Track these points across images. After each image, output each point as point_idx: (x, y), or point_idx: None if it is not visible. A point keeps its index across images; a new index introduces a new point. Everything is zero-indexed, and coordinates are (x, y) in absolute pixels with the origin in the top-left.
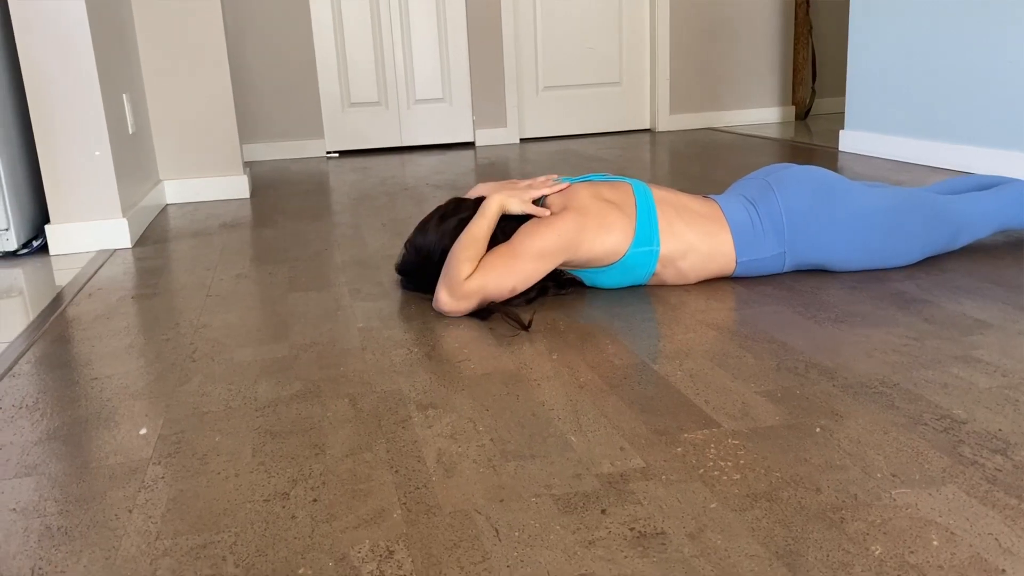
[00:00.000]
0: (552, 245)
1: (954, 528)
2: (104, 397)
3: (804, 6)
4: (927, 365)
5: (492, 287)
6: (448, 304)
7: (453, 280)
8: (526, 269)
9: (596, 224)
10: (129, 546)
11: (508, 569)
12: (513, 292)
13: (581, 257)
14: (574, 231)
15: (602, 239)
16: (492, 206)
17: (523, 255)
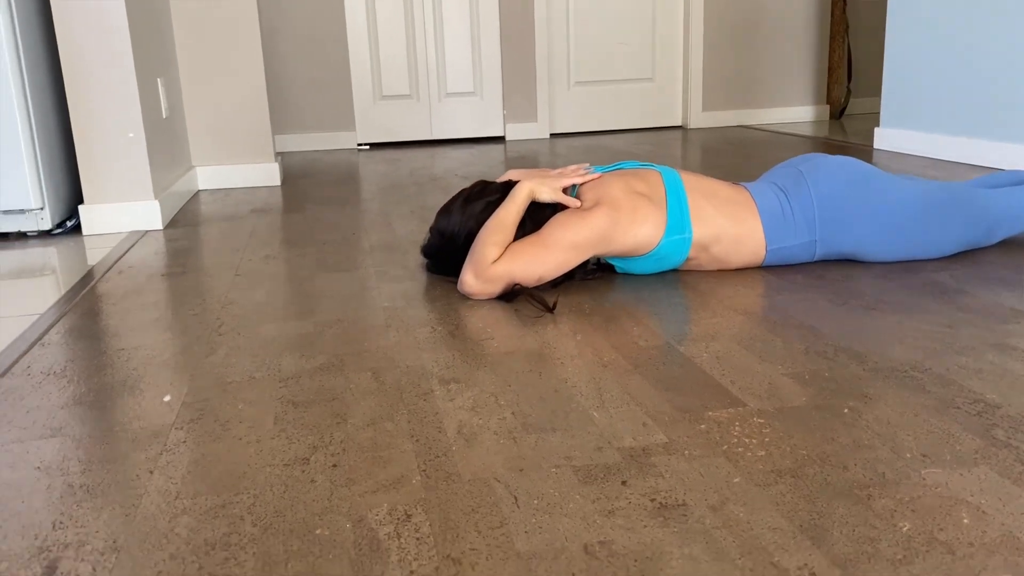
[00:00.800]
0: (583, 239)
1: (986, 507)
2: (130, 366)
3: (841, 4)
4: (961, 352)
5: (519, 274)
6: (473, 287)
7: (479, 263)
8: (556, 259)
9: (628, 219)
10: (149, 504)
11: (526, 535)
12: (540, 281)
13: (613, 250)
14: (606, 226)
15: (634, 232)
16: (522, 192)
17: (553, 246)
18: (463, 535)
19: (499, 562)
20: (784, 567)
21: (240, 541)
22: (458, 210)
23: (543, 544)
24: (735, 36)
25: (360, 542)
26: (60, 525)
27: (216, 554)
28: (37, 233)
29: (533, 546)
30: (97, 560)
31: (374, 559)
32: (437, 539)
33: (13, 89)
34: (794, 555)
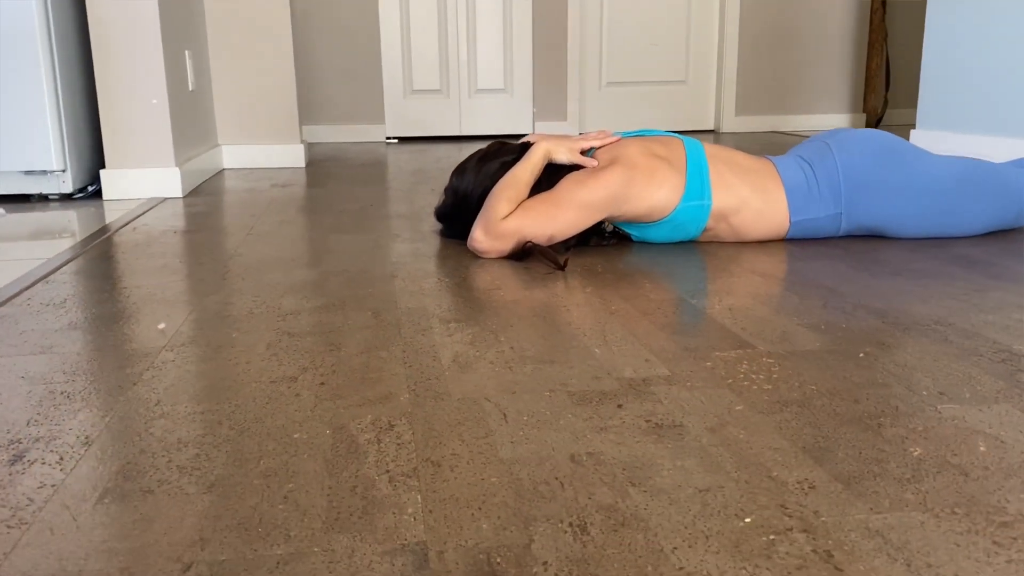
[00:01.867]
0: (597, 197)
1: (1004, 437)
2: (130, 301)
3: (880, 12)
4: (988, 311)
5: (529, 230)
6: (482, 242)
7: (490, 218)
8: (567, 218)
9: (645, 179)
10: (126, 408)
11: (511, 444)
12: (551, 240)
13: (627, 212)
14: (621, 185)
15: (650, 194)
16: (538, 152)
17: (566, 203)
18: (446, 443)
19: (480, 466)
20: (782, 480)
21: (214, 441)
22: (472, 169)
23: (528, 453)
24: (771, 41)
25: (338, 445)
26: (34, 422)
27: (187, 451)
28: (59, 196)
29: (518, 454)
30: (65, 452)
31: (350, 459)
32: (419, 445)
33: (40, 52)
34: (794, 471)
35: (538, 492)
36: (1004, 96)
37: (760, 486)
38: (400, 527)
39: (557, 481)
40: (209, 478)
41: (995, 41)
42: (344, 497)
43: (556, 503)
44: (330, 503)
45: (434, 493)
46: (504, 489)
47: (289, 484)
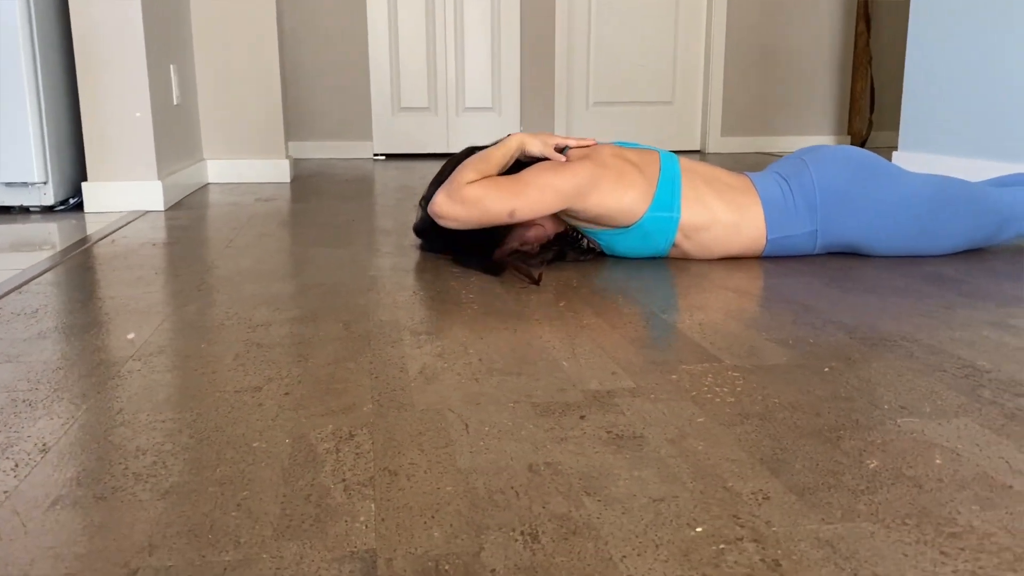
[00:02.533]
0: (562, 183)
1: (961, 451)
2: (103, 311)
3: (864, 36)
4: (956, 328)
5: (491, 202)
6: (443, 206)
7: (454, 182)
8: (530, 195)
9: (613, 179)
10: (87, 417)
11: (470, 454)
12: (512, 217)
13: (592, 208)
14: (588, 178)
15: (617, 195)
16: (514, 140)
17: (531, 183)
18: (405, 452)
19: (437, 475)
20: (737, 491)
21: (173, 449)
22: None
23: (486, 462)
24: (757, 63)
25: (296, 454)
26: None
27: (145, 458)
28: (40, 209)
29: (476, 463)
30: (21, 458)
31: (306, 468)
32: (377, 454)
33: (24, 64)
34: (749, 482)
35: (493, 501)
36: (984, 119)
37: (715, 496)
38: (351, 535)
39: (512, 490)
40: (164, 485)
41: (975, 65)
42: (298, 505)
43: (510, 512)
44: (283, 511)
45: (388, 502)
46: (459, 498)
47: (244, 492)
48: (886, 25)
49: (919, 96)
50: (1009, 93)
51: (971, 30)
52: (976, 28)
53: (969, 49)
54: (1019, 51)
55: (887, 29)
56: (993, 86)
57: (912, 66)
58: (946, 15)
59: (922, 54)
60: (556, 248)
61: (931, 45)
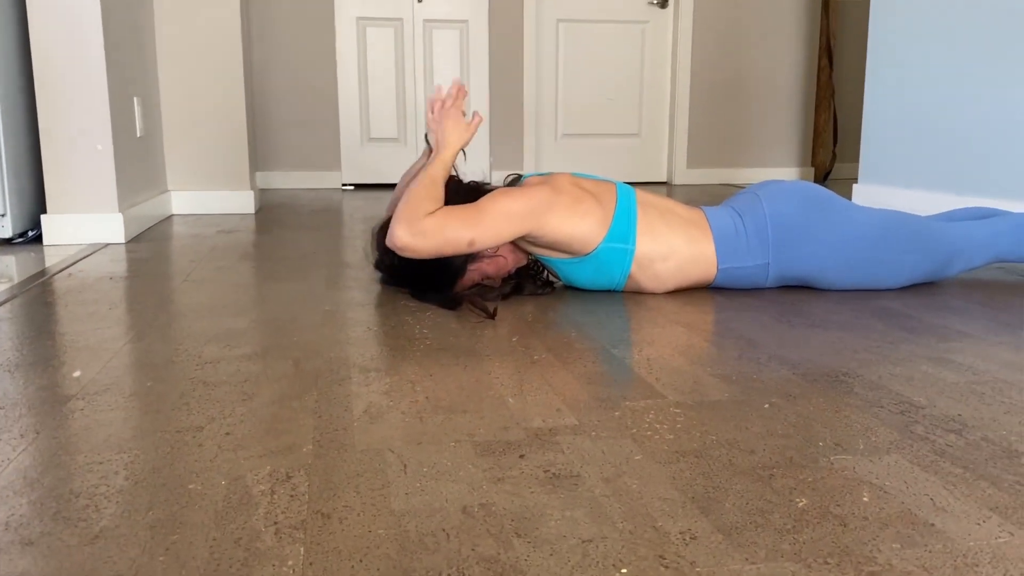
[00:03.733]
0: (519, 208)
1: (889, 488)
2: (51, 348)
3: (827, 70)
4: (896, 363)
5: (451, 231)
6: (403, 238)
7: (413, 213)
8: (488, 224)
9: (568, 205)
10: (24, 459)
11: (406, 496)
12: (471, 247)
13: (548, 235)
14: (544, 203)
15: (573, 222)
16: (447, 152)
17: (488, 210)
18: (340, 494)
19: (370, 518)
20: (665, 531)
21: (107, 492)
22: None
23: (421, 504)
24: (722, 96)
25: (231, 496)
26: None
27: (77, 501)
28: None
29: (410, 506)
30: None
31: (240, 510)
32: (312, 497)
33: None
34: (679, 521)
35: (423, 544)
36: (942, 153)
37: (643, 536)
38: None
39: (444, 533)
40: (93, 530)
41: (931, 101)
42: (227, 549)
43: (439, 555)
44: (211, 555)
45: (318, 546)
46: (389, 541)
47: (174, 536)
48: (848, 59)
49: (877, 131)
50: (964, 129)
51: (927, 68)
52: (932, 66)
53: (925, 86)
54: (973, 88)
55: (849, 63)
56: (948, 122)
57: (871, 102)
58: (903, 52)
59: (880, 90)
60: (514, 281)
61: (888, 82)
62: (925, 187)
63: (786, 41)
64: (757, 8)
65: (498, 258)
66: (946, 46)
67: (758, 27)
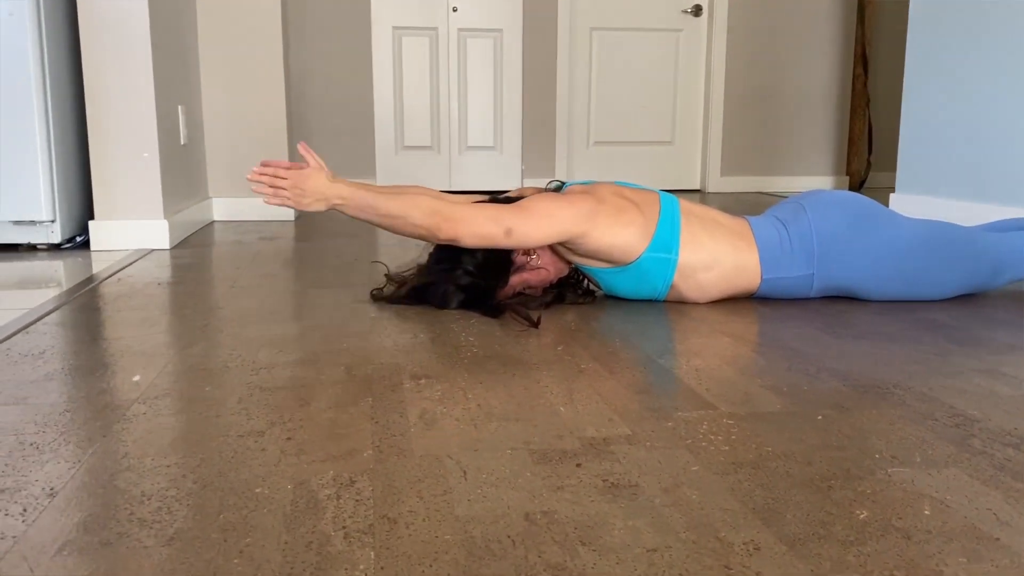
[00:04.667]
0: (561, 212)
1: (950, 502)
2: (108, 353)
3: (862, 78)
4: (947, 375)
5: (489, 214)
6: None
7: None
8: (527, 218)
9: (611, 214)
10: (94, 461)
11: (468, 502)
12: (508, 235)
13: (590, 243)
14: (586, 212)
15: (615, 232)
16: (334, 196)
17: (529, 207)
18: (404, 499)
19: (435, 523)
20: (729, 542)
21: (177, 495)
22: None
23: (484, 511)
24: (756, 104)
25: (298, 501)
26: (1, 474)
27: (150, 504)
28: (47, 246)
29: (473, 512)
30: (29, 503)
31: (308, 514)
32: (377, 501)
33: (35, 104)
34: (741, 532)
35: (489, 550)
36: (980, 162)
37: (707, 547)
38: None
39: (509, 539)
40: (168, 532)
41: (971, 108)
42: (299, 553)
43: (506, 561)
44: (284, 558)
45: (388, 550)
46: (456, 547)
47: (246, 539)
48: (884, 67)
49: (916, 139)
50: (1006, 137)
51: (967, 75)
52: (972, 72)
53: (965, 92)
54: (1015, 95)
55: (885, 71)
56: (990, 129)
57: (908, 110)
58: (942, 59)
59: (918, 97)
60: (556, 291)
61: (927, 88)
62: (966, 197)
63: (820, 49)
64: (791, 16)
65: (540, 269)
66: (986, 52)
67: (792, 35)
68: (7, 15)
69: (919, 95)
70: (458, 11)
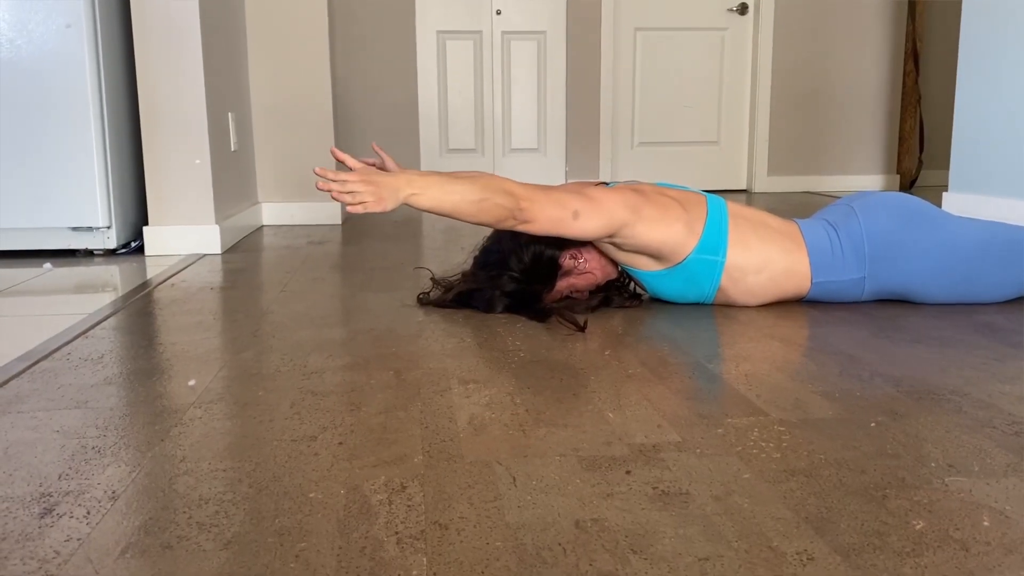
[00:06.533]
0: (612, 199)
1: (1010, 512)
2: (164, 357)
3: (913, 75)
4: (1005, 381)
5: (557, 195)
6: (517, 208)
7: (502, 191)
8: (590, 202)
9: (656, 212)
10: (153, 465)
11: (518, 509)
12: (576, 217)
13: (639, 237)
14: (632, 202)
15: (660, 228)
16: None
17: (589, 194)
18: (455, 506)
19: (486, 530)
20: (782, 551)
21: (234, 499)
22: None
23: (534, 518)
24: (803, 102)
25: (351, 506)
26: (65, 476)
27: (207, 507)
28: (103, 252)
29: (524, 519)
30: (93, 506)
31: (361, 520)
32: (428, 507)
33: (92, 114)
34: (794, 541)
35: (540, 558)
36: None
37: (759, 556)
38: None
39: (560, 547)
40: (226, 535)
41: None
42: (353, 558)
43: (557, 569)
44: (339, 563)
45: (440, 556)
46: (508, 554)
47: (302, 543)
48: (935, 64)
49: (969, 137)
50: None
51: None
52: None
53: (1020, 88)
54: None
55: (936, 68)
56: None
57: (961, 107)
58: (996, 55)
59: (971, 94)
60: (603, 294)
61: (980, 85)
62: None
63: (870, 46)
64: (840, 13)
65: (587, 273)
66: None
67: (841, 32)
68: (65, 27)
69: (972, 92)
70: (502, 14)
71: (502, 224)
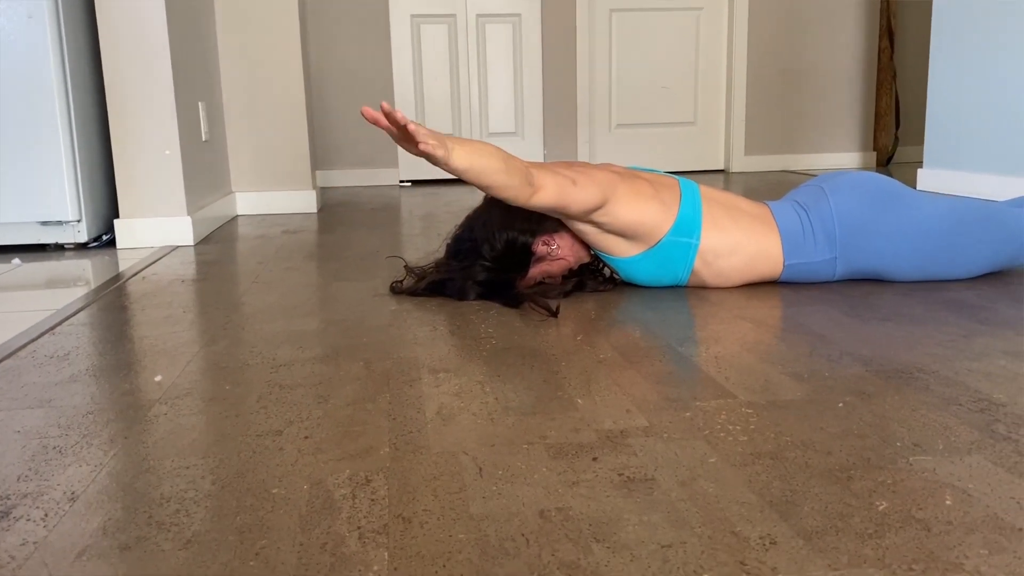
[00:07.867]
0: (599, 175)
1: (972, 491)
2: (132, 352)
3: (888, 51)
4: (972, 358)
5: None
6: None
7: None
8: (582, 174)
9: (629, 192)
10: (115, 464)
11: (483, 500)
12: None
13: (617, 217)
14: (607, 184)
15: (635, 207)
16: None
17: (577, 167)
18: (419, 498)
19: (450, 522)
20: (745, 536)
21: (195, 496)
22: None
23: (498, 508)
24: (779, 81)
25: (313, 501)
26: (24, 478)
27: (168, 506)
28: (74, 246)
29: (488, 510)
30: (51, 508)
31: (324, 515)
32: (392, 501)
33: (58, 106)
34: (758, 526)
35: (503, 549)
36: (1009, 135)
37: (722, 542)
38: None
39: (523, 538)
40: (186, 534)
41: (1000, 80)
42: (314, 554)
43: (519, 560)
44: (299, 560)
45: (402, 550)
46: (470, 546)
47: (262, 541)
48: (910, 40)
49: (943, 113)
50: None
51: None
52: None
53: (993, 64)
54: None
55: (911, 44)
56: (1019, 101)
57: (935, 84)
58: (969, 31)
59: (945, 71)
60: (576, 279)
61: (954, 61)
62: (995, 171)
63: (845, 23)
64: None
65: (560, 259)
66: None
67: (816, 10)
68: (27, 17)
69: (946, 68)
70: None
71: (519, 191)
